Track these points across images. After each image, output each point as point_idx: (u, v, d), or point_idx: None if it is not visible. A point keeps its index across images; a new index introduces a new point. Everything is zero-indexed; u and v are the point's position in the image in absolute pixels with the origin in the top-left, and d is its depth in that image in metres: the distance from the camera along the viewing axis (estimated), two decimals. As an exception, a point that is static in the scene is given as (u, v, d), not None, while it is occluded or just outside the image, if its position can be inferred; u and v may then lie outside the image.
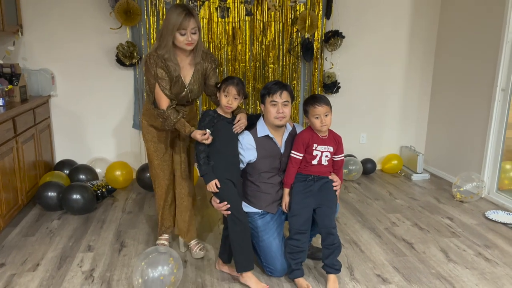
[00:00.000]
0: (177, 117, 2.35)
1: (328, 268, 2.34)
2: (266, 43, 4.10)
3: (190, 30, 2.28)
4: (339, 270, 2.34)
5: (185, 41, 2.30)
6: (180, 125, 2.34)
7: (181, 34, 2.28)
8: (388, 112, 4.60)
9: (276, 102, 2.33)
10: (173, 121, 2.34)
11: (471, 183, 3.69)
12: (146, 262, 2.14)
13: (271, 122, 2.37)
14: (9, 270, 2.51)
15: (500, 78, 3.59)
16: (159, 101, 2.37)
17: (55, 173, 3.63)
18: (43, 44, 3.82)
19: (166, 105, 2.35)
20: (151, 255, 2.18)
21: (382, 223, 3.25)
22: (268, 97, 2.35)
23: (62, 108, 3.99)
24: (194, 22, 2.28)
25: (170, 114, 2.34)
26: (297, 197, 2.38)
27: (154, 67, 2.32)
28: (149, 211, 3.43)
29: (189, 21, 2.26)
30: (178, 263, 2.21)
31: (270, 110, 2.34)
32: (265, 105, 2.38)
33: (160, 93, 2.35)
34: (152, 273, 2.11)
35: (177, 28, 2.26)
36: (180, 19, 2.24)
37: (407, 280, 2.44)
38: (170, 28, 2.27)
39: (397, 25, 4.36)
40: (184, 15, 2.25)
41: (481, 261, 2.67)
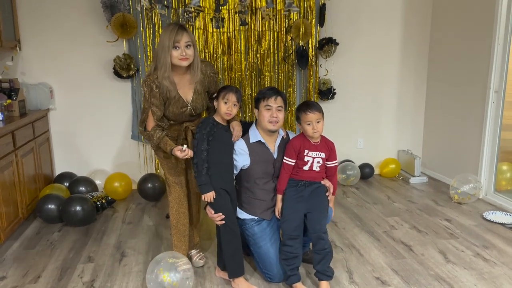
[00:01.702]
0: (160, 136, 2.34)
1: (319, 275, 2.34)
2: (261, 52, 4.15)
3: (183, 44, 2.25)
4: (331, 277, 2.34)
5: (179, 56, 2.26)
6: (163, 144, 2.34)
7: (174, 48, 2.25)
8: (384, 117, 4.64)
9: (270, 107, 2.37)
10: (156, 141, 2.35)
11: (468, 185, 3.71)
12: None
13: (264, 127, 2.40)
14: (10, 283, 2.52)
15: (493, 80, 3.64)
16: (147, 123, 2.40)
17: (55, 185, 3.65)
18: (41, 59, 3.87)
19: (151, 127, 2.37)
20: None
21: (381, 226, 3.26)
22: (262, 101, 2.39)
23: (61, 121, 4.03)
24: (187, 36, 2.26)
25: (154, 134, 2.35)
26: (288, 202, 2.40)
27: (148, 93, 2.32)
28: (149, 221, 3.45)
29: (182, 35, 2.24)
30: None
31: (264, 114, 2.38)
32: (259, 109, 2.41)
33: (150, 116, 2.37)
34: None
35: (172, 44, 2.23)
36: (173, 35, 2.23)
37: (406, 282, 2.45)
38: (166, 46, 2.23)
39: (389, 30, 4.42)
40: (176, 30, 2.24)
41: (480, 261, 2.69)
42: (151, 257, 2.81)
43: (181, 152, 2.22)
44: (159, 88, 2.30)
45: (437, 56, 4.40)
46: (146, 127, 2.39)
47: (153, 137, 2.34)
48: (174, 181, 2.53)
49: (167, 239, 3.09)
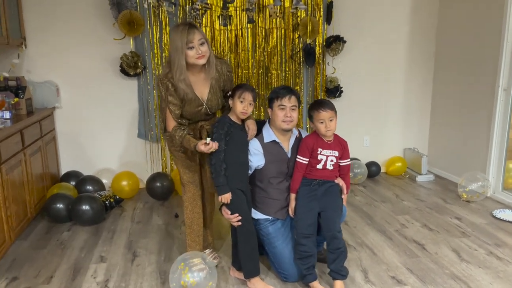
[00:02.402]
0: (182, 135, 2.32)
1: (334, 274, 2.33)
2: (268, 49, 4.13)
3: (197, 43, 2.22)
4: (345, 276, 2.33)
5: (195, 55, 2.23)
6: (186, 142, 2.31)
7: (189, 48, 2.22)
8: (390, 115, 4.64)
9: (284, 106, 2.35)
10: (179, 140, 2.33)
11: (477, 183, 3.71)
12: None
13: (278, 126, 2.38)
14: (23, 283, 2.50)
15: (501, 78, 3.63)
16: (167, 123, 2.37)
17: (62, 185, 3.62)
18: (46, 56, 3.83)
19: (172, 127, 2.34)
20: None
21: (392, 225, 3.26)
22: (276, 101, 2.37)
23: (67, 119, 3.99)
24: (199, 34, 2.23)
25: (175, 133, 2.33)
26: (302, 201, 2.39)
27: (164, 91, 2.29)
28: (158, 221, 3.43)
29: (193, 34, 2.21)
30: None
31: (278, 114, 2.36)
32: (273, 109, 2.39)
33: (169, 116, 2.35)
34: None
35: (185, 44, 2.19)
36: (184, 35, 2.19)
37: (422, 281, 2.45)
38: (179, 47, 2.20)
39: (396, 28, 4.41)
40: (187, 29, 2.20)
41: (493, 260, 2.69)
42: (163, 256, 2.80)
43: (205, 146, 2.19)
44: (175, 87, 2.27)
45: (443, 54, 4.40)
46: (166, 128, 2.37)
47: (175, 137, 2.31)
48: (188, 180, 2.50)
49: (178, 239, 3.07)
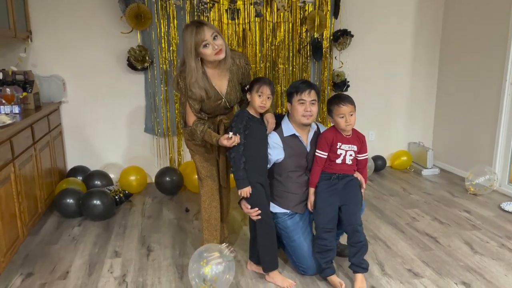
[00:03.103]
0: (203, 129, 2.31)
1: (355, 267, 2.35)
2: (276, 43, 4.12)
3: (210, 38, 2.18)
4: (366, 269, 2.35)
5: (213, 51, 2.19)
6: (208, 136, 2.30)
7: (204, 47, 2.18)
8: (396, 109, 4.66)
9: (304, 101, 2.34)
10: (200, 135, 2.32)
11: (484, 176, 3.75)
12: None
13: (298, 121, 2.38)
14: (39, 279, 2.48)
15: (509, 72, 3.66)
16: (187, 118, 2.37)
17: (70, 180, 3.60)
18: (52, 50, 3.78)
19: (192, 121, 2.34)
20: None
21: (402, 218, 3.29)
22: (296, 95, 2.36)
23: (73, 114, 3.95)
24: (209, 29, 2.18)
25: (196, 128, 2.32)
26: (321, 195, 2.40)
27: (183, 88, 2.28)
28: (169, 215, 3.42)
29: (203, 31, 2.17)
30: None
31: (298, 109, 2.35)
32: (292, 103, 2.39)
33: (188, 110, 2.34)
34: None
35: (195, 44, 2.16)
36: (193, 35, 2.16)
37: (438, 273, 2.47)
38: (190, 48, 2.18)
39: (402, 22, 4.42)
40: (195, 29, 2.17)
41: (506, 252, 2.73)
42: (178, 251, 2.79)
43: (228, 140, 2.18)
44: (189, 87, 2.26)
45: (449, 48, 4.42)
46: (187, 123, 2.35)
47: (196, 131, 2.30)
48: (206, 175, 2.50)
49: (191, 233, 3.07)
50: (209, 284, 2.15)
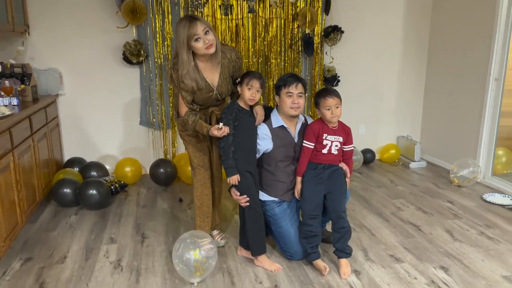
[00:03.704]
0: (194, 120, 2.42)
1: (339, 253, 2.47)
2: (268, 39, 4.22)
3: (202, 33, 2.29)
4: (349, 254, 2.47)
5: (204, 45, 2.30)
6: (199, 126, 2.42)
7: (196, 41, 2.29)
8: (385, 104, 4.78)
9: (291, 93, 2.45)
10: (192, 125, 2.43)
11: (468, 169, 3.88)
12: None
13: (286, 113, 2.49)
14: (37, 263, 2.59)
15: (493, 68, 3.79)
16: (180, 109, 2.48)
17: (67, 170, 3.70)
18: (49, 44, 3.87)
19: (185, 112, 2.45)
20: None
21: (388, 208, 3.42)
22: (284, 88, 2.47)
23: (70, 106, 4.05)
24: (201, 24, 2.29)
25: (188, 118, 2.43)
26: (308, 184, 2.51)
27: (176, 79, 2.39)
28: (163, 205, 3.53)
29: (196, 25, 2.27)
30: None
31: (286, 101, 2.46)
32: (281, 96, 2.50)
33: (181, 101, 2.45)
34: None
35: (187, 38, 2.27)
36: (186, 29, 2.27)
37: (419, 259, 2.61)
38: (182, 41, 2.29)
39: (391, 19, 4.53)
40: (188, 23, 2.28)
41: (484, 239, 2.86)
42: (171, 238, 2.91)
43: (218, 131, 2.30)
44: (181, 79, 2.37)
45: (437, 44, 4.54)
46: (179, 113, 2.47)
47: (188, 122, 2.41)
48: (199, 164, 2.61)
49: (184, 221, 3.19)
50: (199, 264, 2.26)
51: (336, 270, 2.47)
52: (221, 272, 2.48)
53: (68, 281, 2.39)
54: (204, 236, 2.37)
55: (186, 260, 2.25)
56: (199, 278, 2.31)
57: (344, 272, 2.42)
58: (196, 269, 2.26)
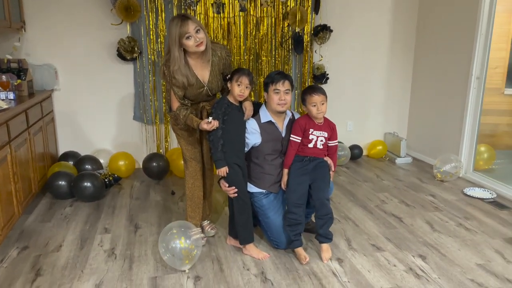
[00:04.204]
0: (185, 114, 2.53)
1: (321, 238, 2.61)
2: (259, 37, 4.34)
3: (193, 31, 2.40)
4: (331, 239, 2.63)
5: (194, 43, 2.42)
6: (190, 121, 2.53)
7: (187, 39, 2.40)
8: (373, 101, 4.92)
9: (278, 90, 2.57)
10: (183, 119, 2.55)
11: (450, 164, 4.04)
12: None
13: (274, 109, 2.61)
14: (33, 251, 2.69)
15: (475, 67, 3.94)
16: (172, 103, 2.59)
17: (62, 163, 3.79)
18: (45, 40, 3.95)
19: (176, 106, 2.56)
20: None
21: (372, 201, 3.56)
22: (271, 85, 2.59)
23: (65, 101, 4.14)
24: (192, 23, 2.40)
25: (179, 113, 2.54)
26: (294, 175, 2.64)
27: (168, 75, 2.49)
28: (156, 197, 3.64)
29: (187, 24, 2.39)
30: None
31: (273, 97, 2.58)
32: (268, 93, 2.61)
33: (173, 97, 2.56)
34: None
35: (179, 35, 2.38)
36: (178, 27, 2.38)
37: (399, 248, 2.75)
38: (174, 39, 2.40)
39: (379, 18, 4.67)
40: (180, 21, 2.39)
41: (462, 230, 3.01)
42: (164, 228, 3.01)
43: (208, 124, 2.42)
44: (174, 75, 2.47)
45: (423, 44, 4.69)
46: (171, 108, 2.58)
47: (179, 116, 2.53)
48: (190, 157, 2.73)
49: (176, 213, 3.30)
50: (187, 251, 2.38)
51: (319, 258, 2.60)
52: (210, 260, 2.60)
53: (63, 268, 2.49)
54: (189, 227, 2.48)
55: (172, 248, 2.37)
56: (188, 265, 2.43)
57: (325, 256, 2.58)
58: (185, 257, 2.38)
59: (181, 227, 2.45)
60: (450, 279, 2.38)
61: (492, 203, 3.49)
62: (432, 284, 2.33)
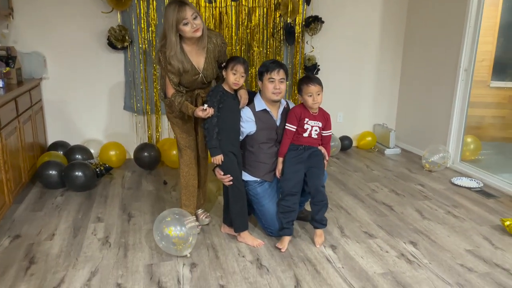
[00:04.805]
0: (180, 101, 2.53)
1: (316, 224, 2.67)
2: (251, 27, 4.33)
3: (190, 18, 2.39)
4: (325, 225, 2.69)
5: (191, 29, 2.41)
6: (184, 108, 2.53)
7: (184, 24, 2.39)
8: (362, 93, 4.97)
9: (273, 79, 2.58)
10: (178, 106, 2.54)
11: (438, 155, 4.12)
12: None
13: (269, 97, 2.62)
14: (26, 240, 2.67)
15: (463, 59, 4.01)
16: (167, 90, 2.58)
17: (52, 153, 3.75)
18: (33, 28, 3.88)
19: (171, 93, 2.55)
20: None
21: (363, 190, 3.61)
22: (266, 74, 2.60)
23: (54, 90, 4.08)
24: (190, 9, 2.40)
25: (174, 100, 2.53)
26: (289, 163, 2.66)
27: (163, 62, 2.48)
28: (148, 187, 3.63)
29: (185, 10, 2.38)
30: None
31: (268, 86, 2.60)
32: (263, 81, 2.62)
33: (168, 83, 2.55)
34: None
35: (177, 21, 2.37)
36: (175, 12, 2.37)
37: (390, 234, 2.80)
38: (171, 24, 2.38)
39: (370, 10, 4.70)
40: (178, 7, 2.38)
41: (451, 217, 3.08)
42: (157, 217, 3.01)
43: (203, 112, 2.42)
44: (169, 60, 2.46)
45: (412, 37, 4.74)
46: (166, 94, 2.57)
47: (174, 102, 2.52)
48: (185, 145, 2.73)
49: (169, 202, 3.30)
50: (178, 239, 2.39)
51: (313, 243, 2.65)
52: (205, 247, 2.62)
53: (57, 256, 2.48)
54: (183, 214, 2.49)
55: (166, 236, 2.38)
56: (189, 249, 2.45)
57: (317, 241, 2.65)
58: (177, 244, 2.39)
59: (176, 214, 2.46)
60: (440, 264, 2.45)
61: (479, 192, 3.58)
62: (424, 269, 2.39)
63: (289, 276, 2.31)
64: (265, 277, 2.30)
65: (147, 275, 2.30)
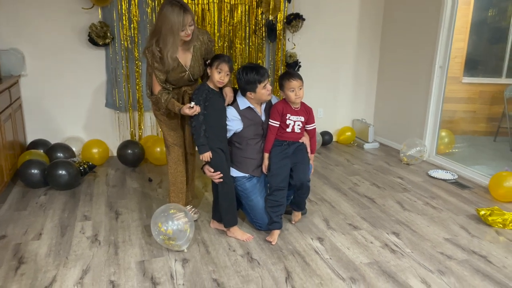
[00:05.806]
0: (167, 99, 2.55)
1: (296, 207, 2.91)
2: (233, 24, 4.36)
3: (188, 24, 2.43)
4: (304, 209, 2.99)
5: (185, 35, 2.46)
6: (171, 105, 2.55)
7: (181, 30, 2.43)
8: (342, 89, 5.09)
9: (265, 86, 2.64)
10: (164, 104, 2.56)
11: (415, 148, 4.27)
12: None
13: (264, 100, 2.68)
14: (13, 240, 2.64)
15: (438, 56, 4.17)
16: (153, 87, 2.59)
17: (33, 152, 3.68)
18: (11, 24, 3.79)
19: (158, 90, 2.57)
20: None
21: (345, 184, 3.72)
22: (259, 84, 2.60)
23: (33, 88, 4.00)
24: (190, 16, 2.43)
25: (161, 97, 2.55)
26: (275, 159, 2.73)
27: (151, 59, 2.49)
28: (133, 184, 3.63)
29: (188, 17, 2.41)
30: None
31: (263, 93, 2.62)
32: (256, 91, 2.63)
33: (154, 80, 2.56)
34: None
35: (179, 25, 2.38)
36: (180, 17, 2.38)
37: (373, 226, 2.91)
38: (175, 29, 2.39)
39: (349, 8, 4.81)
40: (182, 12, 2.38)
41: (429, 208, 3.23)
42: (145, 214, 3.04)
43: (190, 109, 2.44)
44: (161, 57, 2.47)
45: (389, 36, 4.89)
46: (153, 91, 2.58)
47: (161, 100, 2.53)
48: (173, 142, 2.75)
49: (156, 199, 3.31)
50: (167, 237, 2.43)
51: (303, 237, 2.73)
52: (196, 243, 2.65)
53: (47, 255, 2.47)
54: (181, 209, 2.53)
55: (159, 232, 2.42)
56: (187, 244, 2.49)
57: (294, 219, 2.94)
58: (168, 241, 2.42)
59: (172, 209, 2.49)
60: (422, 253, 2.57)
61: (454, 184, 3.75)
62: (406, 258, 2.51)
63: (280, 268, 2.39)
64: (257, 270, 2.36)
65: (140, 272, 2.33)
